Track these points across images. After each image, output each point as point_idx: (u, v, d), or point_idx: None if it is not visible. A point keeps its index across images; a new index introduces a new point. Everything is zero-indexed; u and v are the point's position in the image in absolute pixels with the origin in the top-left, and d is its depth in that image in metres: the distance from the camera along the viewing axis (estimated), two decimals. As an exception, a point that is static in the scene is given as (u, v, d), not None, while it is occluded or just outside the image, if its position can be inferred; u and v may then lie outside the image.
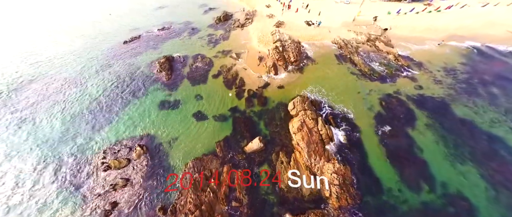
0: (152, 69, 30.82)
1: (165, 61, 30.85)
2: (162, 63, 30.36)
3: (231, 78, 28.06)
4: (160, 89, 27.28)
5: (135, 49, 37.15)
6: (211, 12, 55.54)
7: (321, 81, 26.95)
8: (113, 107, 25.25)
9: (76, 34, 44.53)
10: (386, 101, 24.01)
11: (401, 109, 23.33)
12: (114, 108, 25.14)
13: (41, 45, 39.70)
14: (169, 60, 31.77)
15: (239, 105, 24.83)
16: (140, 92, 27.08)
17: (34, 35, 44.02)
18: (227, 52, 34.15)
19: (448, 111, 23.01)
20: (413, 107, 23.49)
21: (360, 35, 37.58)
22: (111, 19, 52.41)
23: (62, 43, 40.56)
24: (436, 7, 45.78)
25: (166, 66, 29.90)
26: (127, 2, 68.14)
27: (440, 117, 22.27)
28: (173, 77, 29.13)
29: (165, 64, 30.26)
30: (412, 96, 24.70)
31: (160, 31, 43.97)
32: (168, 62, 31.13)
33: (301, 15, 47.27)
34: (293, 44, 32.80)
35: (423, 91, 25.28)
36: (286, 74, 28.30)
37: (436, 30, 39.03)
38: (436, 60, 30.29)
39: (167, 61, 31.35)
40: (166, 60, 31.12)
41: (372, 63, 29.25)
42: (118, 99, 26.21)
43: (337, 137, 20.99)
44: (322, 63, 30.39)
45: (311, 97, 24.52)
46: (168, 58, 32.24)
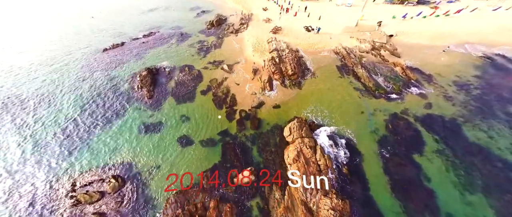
0: (133, 84, 29.16)
1: (147, 74, 29.09)
2: (143, 77, 28.63)
3: (221, 95, 26.58)
4: (140, 109, 25.68)
5: (116, 58, 35.48)
6: (203, 15, 54.26)
7: (321, 99, 25.59)
8: (85, 131, 23.50)
9: (49, 40, 42.67)
10: (392, 123, 22.71)
11: (408, 132, 22.02)
12: (85, 132, 23.40)
13: (3, 54, 37.26)
14: (152, 73, 30.12)
15: (230, 128, 23.30)
16: (118, 112, 25.41)
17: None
18: (219, 63, 32.73)
19: (460, 134, 21.73)
20: (421, 129, 22.19)
21: (363, 43, 36.60)
22: (93, 23, 50.88)
23: (30, 51, 38.44)
24: (445, 11, 45.14)
25: (148, 81, 28.22)
26: (112, 4, 66.84)
27: (451, 141, 21.00)
28: (156, 94, 27.50)
29: (146, 79, 28.57)
30: (420, 116, 23.42)
31: (146, 37, 42.58)
32: (150, 75, 29.42)
33: (300, 20, 46.27)
34: (291, 54, 31.60)
35: (432, 110, 24.05)
36: (283, 90, 26.90)
37: (445, 36, 38.10)
38: (447, 72, 29.16)
39: (150, 74, 29.63)
40: (148, 74, 29.38)
41: (377, 76, 28.01)
42: (91, 122, 24.46)
43: (337, 166, 19.80)
44: (322, 77, 29.08)
45: (310, 120, 23.25)
46: (150, 71, 30.54)
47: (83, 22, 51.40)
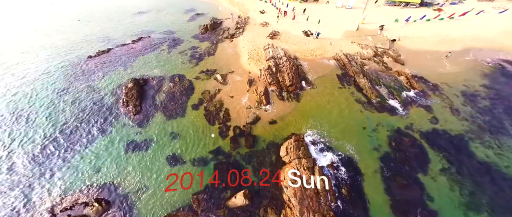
0: (118, 97, 28.22)
1: (133, 87, 27.99)
2: (129, 90, 27.56)
3: (214, 110, 25.77)
4: (126, 125, 24.81)
5: (101, 67, 34.50)
6: (198, 19, 53.59)
7: (320, 113, 24.93)
8: (65, 150, 22.56)
9: (29, 47, 41.33)
10: (395, 140, 22.09)
11: (413, 149, 21.41)
12: (66, 151, 22.46)
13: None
14: (138, 85, 29.06)
15: (223, 146, 22.50)
16: (102, 129, 24.54)
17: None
18: (212, 72, 32.00)
19: (467, 151, 21.15)
20: (426, 146, 21.64)
21: (365, 49, 36.12)
22: (78, 27, 49.86)
23: (5, 59, 36.93)
24: (450, 14, 44.97)
25: (134, 95, 27.21)
26: (101, 6, 65.91)
27: (457, 159, 20.47)
28: (143, 108, 26.63)
29: (133, 92, 27.53)
30: (425, 132, 22.84)
31: (135, 42, 41.74)
32: (137, 88, 28.36)
33: (298, 24, 45.76)
34: (289, 62, 31.01)
35: (439, 125, 23.48)
36: (280, 103, 26.19)
37: (450, 41, 37.75)
38: (453, 81, 28.63)
39: (136, 86, 28.53)
40: (134, 86, 28.26)
41: (380, 87, 27.45)
42: (72, 140, 23.51)
43: (336, 186, 19.22)
44: (322, 87, 28.42)
45: (308, 137, 22.63)
46: (137, 82, 29.48)
47: (68, 26, 50.43)
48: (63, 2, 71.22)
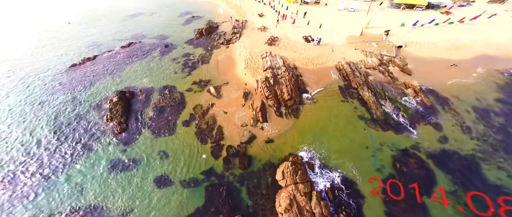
0: (103, 111, 27.44)
1: (118, 101, 27.01)
2: (114, 105, 26.61)
3: (206, 127, 24.97)
4: (112, 143, 24.06)
5: (85, 76, 33.68)
6: (193, 22, 53.13)
7: (321, 131, 24.10)
8: (44, 171, 21.84)
9: (8, 52, 40.64)
10: (400, 161, 21.26)
11: (419, 171, 20.55)
12: (45, 172, 21.72)
13: None
14: (124, 99, 28.05)
15: (216, 166, 21.75)
16: (84, 147, 23.77)
17: None
18: (205, 83, 31.21)
19: (478, 174, 20.28)
20: (434, 168, 20.77)
21: (370, 56, 35.31)
22: (67, 30, 49.34)
23: None
24: (460, 17, 44.15)
25: (119, 110, 26.29)
26: (94, 7, 65.42)
27: (467, 182, 19.67)
28: (130, 125, 25.85)
29: (117, 106, 26.57)
30: (434, 152, 21.96)
31: (125, 48, 41.10)
32: (123, 102, 27.37)
33: (298, 28, 44.97)
34: (288, 72, 30.19)
35: (448, 145, 22.58)
36: (278, 120, 25.34)
37: (461, 47, 36.71)
38: (465, 95, 27.65)
39: (122, 100, 27.50)
40: (119, 100, 27.25)
41: (385, 101, 26.54)
42: (51, 160, 22.74)
43: (335, 213, 18.41)
44: (323, 101, 27.56)
45: (306, 159, 21.77)
46: (123, 96, 28.44)
47: (56, 29, 49.89)
48: (55, 2, 71.02)
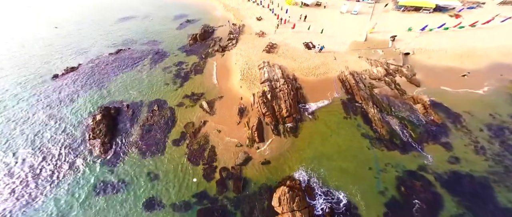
0: (85, 130, 26.46)
1: (101, 119, 26.00)
2: (97, 122, 25.69)
3: (198, 148, 24.09)
4: (95, 165, 23.19)
5: (68, 89, 32.64)
6: (188, 26, 52.59)
7: (321, 151, 23.25)
8: (21, 194, 21.08)
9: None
10: (406, 184, 20.50)
11: (425, 195, 19.82)
12: (21, 196, 20.94)
13: None
14: (109, 116, 27.03)
15: (208, 189, 21.07)
16: (65, 168, 22.94)
17: None
18: (198, 97, 30.32)
19: (490, 198, 19.50)
20: (442, 191, 20.02)
21: (375, 66, 34.46)
22: (53, 36, 48.46)
23: None
24: (471, 21, 43.38)
25: (103, 129, 25.32)
26: (84, 11, 64.86)
27: (477, 207, 18.96)
28: (114, 144, 24.94)
29: (101, 125, 25.59)
30: (442, 174, 21.15)
31: (113, 55, 40.28)
32: (107, 120, 26.33)
33: (298, 33, 44.23)
34: (287, 85, 29.22)
35: (459, 166, 21.69)
36: (275, 139, 24.47)
37: (473, 55, 35.58)
38: (478, 110, 26.64)
39: (106, 118, 26.50)
40: (103, 118, 26.22)
41: (392, 118, 25.58)
42: (28, 182, 21.88)
43: None
44: (324, 117, 26.62)
45: (305, 182, 21.00)
46: (108, 112, 27.38)
47: (41, 35, 48.98)
48: (43, 4, 70.48)
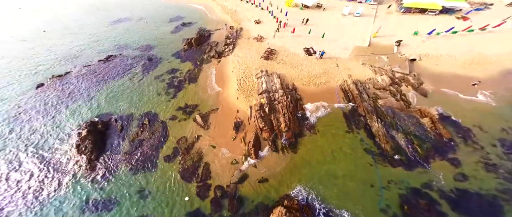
0: (71, 146, 25.81)
1: (87, 135, 25.33)
2: (83, 139, 25.05)
3: (191, 165, 23.63)
4: (82, 181, 22.78)
5: (52, 100, 31.89)
6: (183, 29, 52.32)
7: (321, 168, 22.85)
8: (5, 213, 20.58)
9: None
10: (409, 202, 20.16)
11: (430, 215, 19.46)
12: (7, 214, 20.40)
13: None
14: (96, 131, 26.36)
15: (203, 208, 20.74)
16: (49, 187, 22.49)
17: None
18: (191, 109, 29.82)
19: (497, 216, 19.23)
20: (448, 210, 19.68)
21: (379, 74, 33.89)
22: (40, 41, 47.88)
23: None
24: (482, 25, 42.98)
25: (89, 146, 24.72)
26: (75, 13, 64.55)
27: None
28: (102, 161, 24.44)
29: (86, 142, 24.94)
30: (449, 192, 20.79)
31: (102, 62, 39.80)
32: (93, 136, 25.64)
33: (298, 38, 43.94)
34: (286, 96, 28.60)
35: (467, 184, 21.27)
36: (273, 155, 23.97)
37: (484, 62, 35.09)
38: (489, 124, 26.09)
39: (93, 134, 25.78)
40: (89, 133, 25.51)
41: (397, 133, 25.07)
42: (8, 203, 21.37)
43: None
44: (324, 130, 26.14)
45: (303, 201, 20.67)
46: (95, 127, 26.65)
47: (29, 39, 48.31)
48: (34, 7, 70.17)
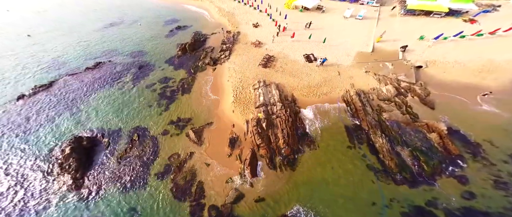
0: (54, 164, 25.28)
1: (71, 152, 24.75)
2: (66, 157, 24.47)
3: (183, 183, 23.34)
4: (67, 202, 22.45)
5: (34, 113, 31.23)
6: (178, 33, 52.27)
7: (321, 186, 22.68)
8: None
9: None
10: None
11: None
12: None
13: None
14: (81, 148, 25.79)
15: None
16: (31, 208, 22.08)
17: None
18: (184, 123, 29.48)
19: None
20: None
21: (384, 83, 33.39)
22: (24, 47, 47.18)
23: None
24: (492, 29, 42.76)
25: (74, 164, 24.27)
26: (63, 16, 64.12)
27: None
28: (88, 179, 24.12)
29: (71, 159, 24.49)
30: (455, 211, 20.56)
31: (90, 70, 39.42)
32: (78, 153, 25.06)
33: (298, 43, 43.85)
34: (285, 110, 28.30)
35: (474, 202, 21.03)
36: (271, 173, 23.68)
37: (495, 69, 34.59)
38: (502, 140, 25.63)
39: (77, 151, 25.18)
40: (72, 151, 24.92)
41: (402, 149, 24.79)
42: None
43: None
44: (325, 147, 25.88)
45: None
46: (79, 144, 26.04)
47: (11, 45, 47.49)
48: (23, 7, 70.25)
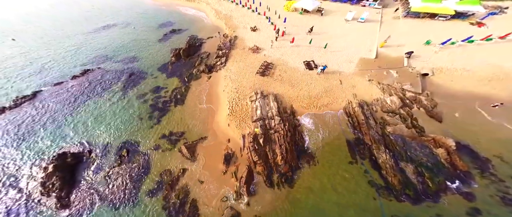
0: (36, 182, 24.66)
1: (54, 171, 24.09)
2: (49, 175, 23.91)
3: (176, 201, 23.07)
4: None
5: (13, 129, 30.27)
6: (173, 37, 52.21)
7: (320, 204, 22.43)
8: None
9: None
10: None
11: None
12: None
13: None
14: (65, 166, 25.10)
15: None
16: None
17: None
18: (177, 137, 29.07)
19: None
20: None
21: (388, 94, 32.91)
22: (7, 52, 46.72)
23: None
24: (502, 32, 42.06)
25: (57, 183, 23.69)
26: (54, 17, 64.16)
27: None
28: (73, 198, 23.66)
29: (54, 179, 23.92)
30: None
31: (78, 78, 38.95)
32: (62, 172, 24.40)
33: (298, 48, 43.73)
34: (283, 124, 27.93)
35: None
36: (268, 191, 23.31)
37: (506, 78, 33.94)
38: None
39: (61, 169, 24.51)
40: (56, 169, 24.26)
41: (406, 165, 24.41)
42: None
43: None
44: (325, 162, 25.52)
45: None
46: (64, 161, 25.38)
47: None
48: (9, 8, 70.66)
